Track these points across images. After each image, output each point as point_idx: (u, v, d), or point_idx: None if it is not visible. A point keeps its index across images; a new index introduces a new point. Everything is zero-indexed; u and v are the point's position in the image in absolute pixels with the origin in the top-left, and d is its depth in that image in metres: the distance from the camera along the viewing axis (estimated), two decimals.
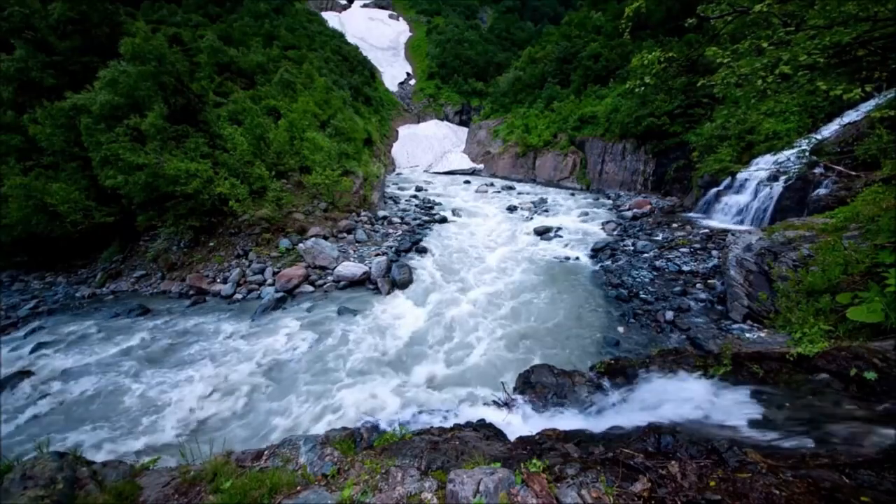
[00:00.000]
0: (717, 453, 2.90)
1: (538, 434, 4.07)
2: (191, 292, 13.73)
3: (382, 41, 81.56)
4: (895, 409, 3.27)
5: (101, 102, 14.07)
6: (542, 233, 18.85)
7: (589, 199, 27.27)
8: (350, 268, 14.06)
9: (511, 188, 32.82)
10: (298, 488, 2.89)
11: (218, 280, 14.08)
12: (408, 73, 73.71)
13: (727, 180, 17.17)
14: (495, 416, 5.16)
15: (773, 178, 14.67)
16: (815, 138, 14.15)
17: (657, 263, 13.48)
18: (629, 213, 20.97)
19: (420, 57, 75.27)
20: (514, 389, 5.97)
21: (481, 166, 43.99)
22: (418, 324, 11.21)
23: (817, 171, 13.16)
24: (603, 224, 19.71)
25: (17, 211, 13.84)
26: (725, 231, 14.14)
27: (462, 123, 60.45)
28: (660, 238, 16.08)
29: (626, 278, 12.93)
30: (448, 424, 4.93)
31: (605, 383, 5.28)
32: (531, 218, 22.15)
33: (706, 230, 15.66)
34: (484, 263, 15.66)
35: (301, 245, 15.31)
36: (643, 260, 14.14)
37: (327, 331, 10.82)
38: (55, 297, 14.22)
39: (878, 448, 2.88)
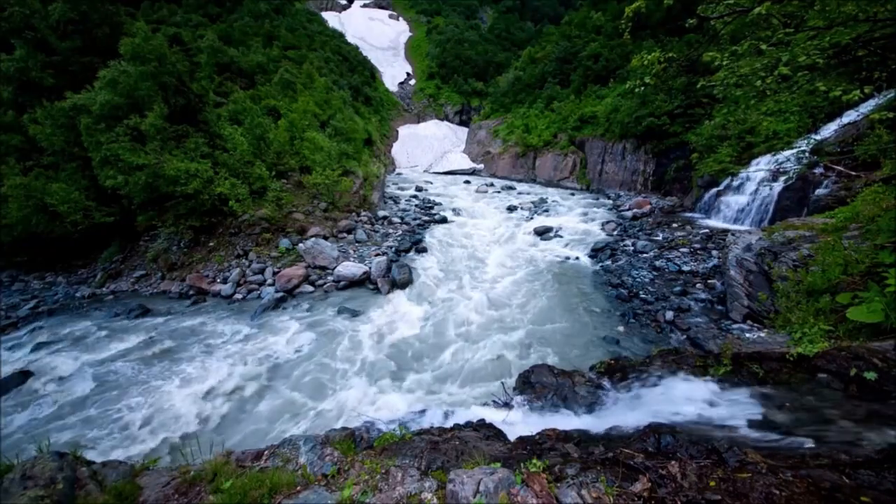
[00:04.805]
0: (717, 453, 2.90)
1: (538, 434, 4.07)
2: (191, 292, 13.73)
3: (382, 41, 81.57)
4: (895, 409, 3.28)
5: (101, 102, 14.06)
6: (542, 233, 18.84)
7: (589, 199, 27.27)
8: (350, 268, 14.06)
9: (511, 188, 32.82)
10: (298, 488, 2.89)
11: (218, 280, 14.08)
12: (408, 73, 73.71)
13: (727, 180, 17.17)
14: (495, 416, 5.15)
15: (773, 178, 14.67)
16: (815, 138, 14.15)
17: (657, 263, 13.48)
18: (629, 213, 20.97)
19: (420, 57, 75.28)
20: (514, 389, 5.97)
21: (481, 166, 43.99)
22: (418, 324, 11.21)
23: (817, 171, 13.16)
24: (603, 224, 19.71)
25: (17, 211, 13.83)
26: (725, 231, 14.14)
27: (462, 123, 60.46)
28: (660, 238, 16.08)
29: (626, 278, 12.93)
30: (448, 424, 4.93)
31: (605, 383, 5.27)
32: (531, 218, 22.15)
33: (706, 230, 15.66)
34: (484, 263, 15.66)
35: (301, 245, 15.31)
36: (643, 260, 14.14)
37: (327, 331, 10.82)
38: (55, 297, 14.21)
39: (878, 448, 2.88)
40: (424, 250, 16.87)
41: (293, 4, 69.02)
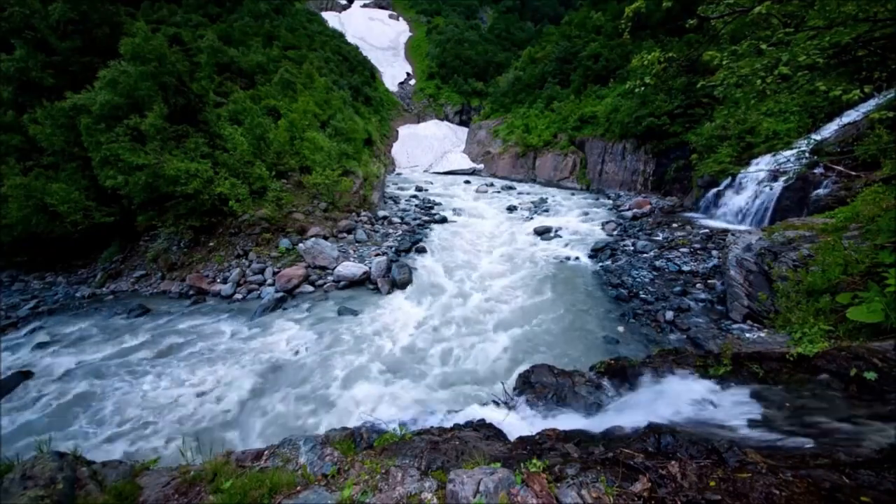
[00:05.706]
0: (717, 453, 2.90)
1: (538, 434, 4.07)
2: (191, 292, 13.73)
3: (382, 41, 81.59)
4: (895, 408, 3.28)
5: (101, 102, 14.05)
6: (542, 233, 18.84)
7: (589, 199, 27.26)
8: (350, 268, 14.06)
9: (511, 188, 32.82)
10: (298, 488, 2.89)
11: (218, 280, 14.07)
12: (408, 73, 73.74)
13: (727, 180, 17.17)
14: (495, 416, 5.16)
15: (773, 178, 14.67)
16: (815, 139, 14.15)
17: (657, 263, 13.47)
18: (629, 213, 20.97)
19: (420, 57, 75.30)
20: (514, 389, 5.97)
21: (481, 166, 43.99)
22: (418, 323, 11.20)
23: (817, 171, 13.16)
24: (603, 224, 19.70)
25: (17, 211, 13.83)
26: (725, 231, 14.14)
27: (462, 123, 60.49)
28: (660, 238, 16.07)
29: (626, 278, 12.93)
30: (448, 424, 4.93)
31: (605, 383, 5.28)
32: (531, 218, 22.14)
33: (706, 230, 15.66)
34: (484, 263, 15.66)
35: (301, 245, 15.31)
36: (643, 260, 14.14)
37: (327, 331, 10.81)
38: (55, 297, 14.21)
39: (878, 448, 2.88)
40: (424, 250, 16.86)
41: (293, 4, 69.04)
